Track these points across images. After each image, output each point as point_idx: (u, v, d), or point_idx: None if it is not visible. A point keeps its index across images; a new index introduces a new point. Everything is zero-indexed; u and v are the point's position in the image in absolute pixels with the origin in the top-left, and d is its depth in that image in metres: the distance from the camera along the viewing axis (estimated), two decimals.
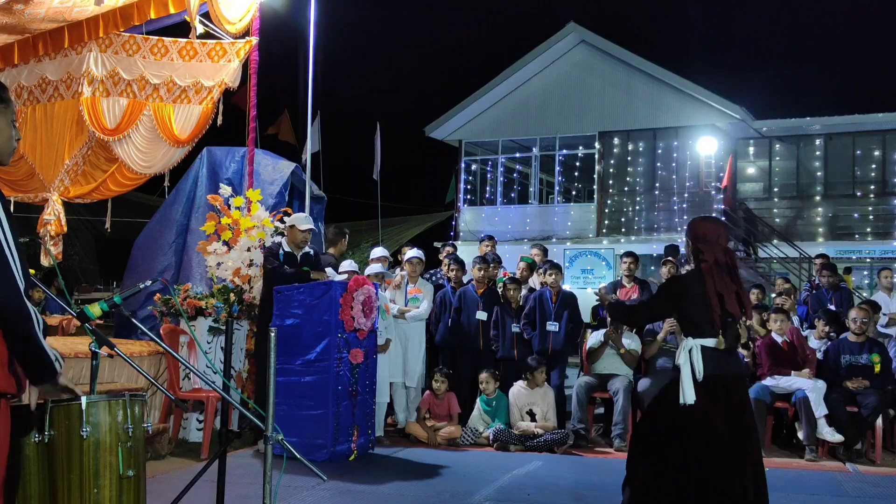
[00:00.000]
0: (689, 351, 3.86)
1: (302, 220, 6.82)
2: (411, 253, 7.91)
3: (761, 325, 7.65)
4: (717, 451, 3.77)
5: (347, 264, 7.45)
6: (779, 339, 7.24)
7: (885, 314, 8.24)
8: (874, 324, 7.77)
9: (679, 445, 3.84)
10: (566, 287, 8.63)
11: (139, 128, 8.30)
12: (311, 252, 6.90)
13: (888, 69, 20.90)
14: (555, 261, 8.31)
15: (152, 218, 8.98)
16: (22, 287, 2.38)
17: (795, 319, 8.17)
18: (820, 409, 6.74)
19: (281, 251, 6.71)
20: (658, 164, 19.93)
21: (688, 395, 3.80)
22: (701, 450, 3.79)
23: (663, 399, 4.02)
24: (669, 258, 8.83)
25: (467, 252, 11.98)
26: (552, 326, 7.54)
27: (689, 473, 3.77)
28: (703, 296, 3.88)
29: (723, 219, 18.46)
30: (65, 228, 9.13)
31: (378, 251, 7.93)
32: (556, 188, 21.30)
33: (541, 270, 8.06)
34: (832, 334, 7.70)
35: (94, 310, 2.91)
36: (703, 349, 3.86)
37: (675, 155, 19.69)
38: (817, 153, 19.95)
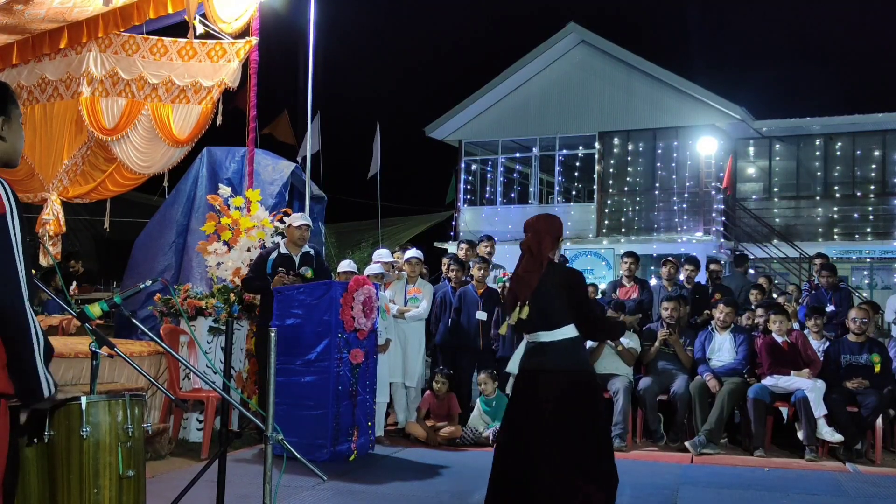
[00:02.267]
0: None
1: (297, 218, 6.83)
2: (410, 253, 7.91)
3: (764, 322, 7.64)
4: (512, 441, 3.96)
5: (346, 264, 7.44)
6: (779, 340, 7.24)
7: None
8: (874, 324, 7.77)
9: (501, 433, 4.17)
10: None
11: (137, 128, 8.30)
12: (312, 251, 6.90)
13: (888, 69, 20.89)
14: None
15: (152, 218, 8.98)
16: (27, 300, 2.34)
17: (796, 324, 8.18)
18: (819, 409, 6.74)
19: (276, 253, 6.71)
20: (658, 164, 19.93)
21: (508, 388, 4.20)
22: (503, 438, 4.08)
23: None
24: (670, 258, 8.83)
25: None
26: None
27: (501, 457, 4.00)
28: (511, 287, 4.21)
29: (722, 218, 18.49)
30: (63, 228, 9.13)
31: (384, 254, 7.86)
32: (556, 188, 21.30)
33: None
34: (827, 332, 7.70)
35: (95, 310, 2.91)
36: (526, 342, 4.09)
37: (675, 155, 19.69)
38: (817, 153, 19.95)
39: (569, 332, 3.98)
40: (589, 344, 7.64)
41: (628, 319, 7.28)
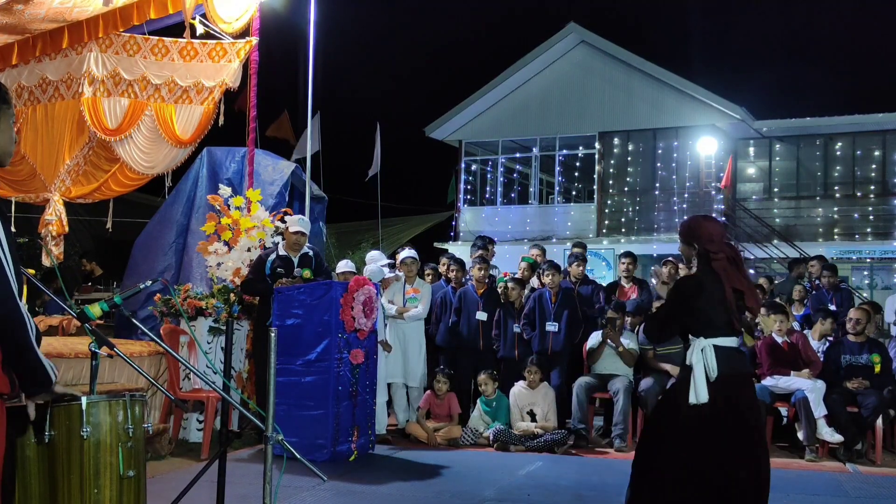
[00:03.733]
0: (703, 350, 3.82)
1: (294, 223, 6.82)
2: (405, 253, 7.91)
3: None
4: (721, 450, 3.75)
5: (344, 265, 7.44)
6: (779, 340, 7.24)
7: None
8: (874, 324, 7.76)
9: (687, 444, 3.80)
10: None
11: (141, 128, 8.30)
12: (311, 253, 6.90)
13: (888, 69, 20.91)
14: (554, 261, 8.30)
15: (152, 218, 8.98)
16: (17, 294, 2.36)
17: (796, 324, 8.17)
18: (819, 410, 6.74)
19: (275, 255, 6.71)
20: (658, 165, 19.94)
21: (700, 394, 3.76)
22: (706, 448, 3.76)
23: (671, 399, 4.01)
24: (670, 258, 8.83)
25: (466, 253, 11.97)
26: (551, 327, 7.54)
27: (694, 471, 3.75)
28: (718, 294, 3.84)
29: (722, 219, 18.52)
30: (66, 229, 9.13)
31: (376, 256, 7.88)
32: (556, 188, 21.30)
33: (541, 271, 8.06)
34: (831, 337, 7.70)
35: (95, 310, 2.90)
36: (717, 348, 3.82)
37: (675, 155, 19.70)
38: (817, 153, 19.96)
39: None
40: (590, 343, 7.66)
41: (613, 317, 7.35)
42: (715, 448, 3.75)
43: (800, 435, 6.90)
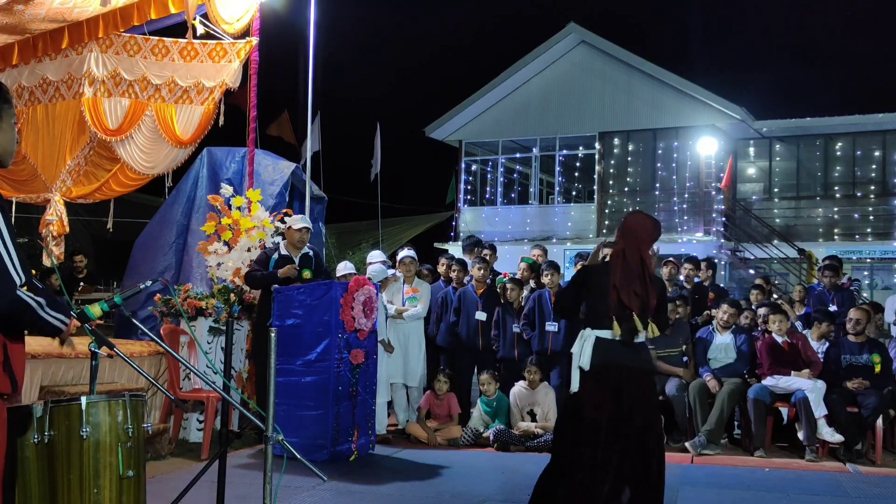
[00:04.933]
0: (584, 340, 4.05)
1: (297, 220, 6.85)
2: (403, 253, 7.92)
3: (763, 322, 7.64)
4: (596, 438, 3.89)
5: (343, 266, 7.44)
6: (779, 340, 7.24)
7: None
8: (874, 324, 7.75)
9: (567, 431, 4.06)
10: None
11: (141, 128, 8.30)
12: (311, 252, 6.91)
13: (888, 69, 20.96)
14: (555, 261, 8.29)
15: (152, 218, 8.98)
16: (19, 282, 2.38)
17: (798, 324, 8.17)
18: (820, 410, 6.74)
19: (276, 255, 6.73)
20: (658, 165, 19.94)
21: (574, 383, 4.01)
22: (582, 436, 3.95)
23: (566, 390, 4.29)
24: (671, 258, 8.83)
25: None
26: (551, 327, 7.54)
27: (571, 458, 3.96)
28: (605, 286, 4.03)
29: (722, 219, 18.51)
30: (67, 229, 9.14)
31: (377, 255, 7.87)
32: (557, 188, 21.30)
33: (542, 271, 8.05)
34: (831, 335, 7.70)
35: (95, 310, 2.91)
36: (598, 339, 4.00)
37: (675, 155, 19.70)
38: (817, 153, 19.96)
39: (642, 337, 4.11)
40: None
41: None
42: (599, 436, 3.90)
43: (800, 435, 6.90)
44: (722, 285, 10.81)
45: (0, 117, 2.51)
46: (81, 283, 9.76)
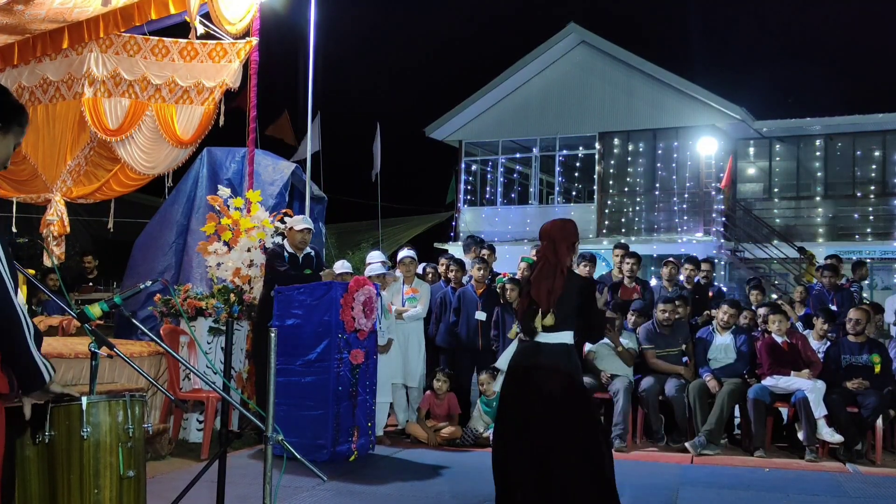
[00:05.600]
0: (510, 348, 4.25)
1: (298, 221, 6.86)
2: (403, 253, 7.92)
3: (763, 322, 7.64)
4: (509, 437, 4.19)
5: (340, 265, 7.44)
6: (779, 340, 7.24)
7: None
8: (874, 325, 7.75)
9: (496, 430, 4.42)
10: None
11: (142, 128, 8.30)
12: (312, 253, 6.92)
13: (888, 69, 20.93)
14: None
15: (152, 219, 8.98)
16: (12, 292, 2.37)
17: (799, 324, 8.16)
18: (819, 410, 6.74)
19: (285, 254, 6.74)
20: (658, 165, 19.94)
21: (496, 385, 4.45)
22: (500, 434, 4.31)
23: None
24: (671, 258, 8.83)
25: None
26: None
27: (497, 456, 4.28)
28: (525, 290, 4.26)
29: (722, 219, 18.49)
30: (67, 229, 9.14)
31: (377, 255, 7.87)
32: (557, 189, 21.30)
33: None
34: (830, 334, 7.70)
35: (95, 310, 2.91)
36: (520, 341, 4.22)
37: (675, 155, 19.69)
38: (817, 153, 19.96)
39: (567, 337, 4.16)
40: (588, 346, 7.65)
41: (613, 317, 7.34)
42: (504, 437, 4.26)
43: (800, 435, 6.90)
44: (722, 285, 10.82)
45: (7, 132, 2.53)
46: (90, 283, 9.79)
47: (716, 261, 15.67)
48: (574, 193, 22.48)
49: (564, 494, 3.96)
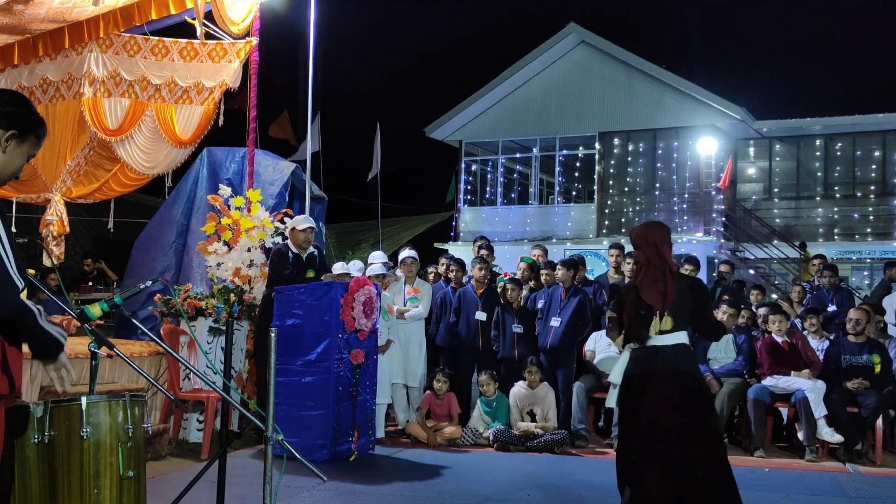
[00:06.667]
0: (622, 359, 4.11)
1: (300, 221, 6.84)
2: (404, 253, 7.92)
3: (763, 322, 7.64)
4: (637, 448, 3.97)
5: (339, 266, 7.44)
6: (779, 340, 7.24)
7: None
8: (874, 325, 7.75)
9: (621, 442, 4.21)
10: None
11: (142, 128, 8.30)
12: (315, 252, 6.91)
13: (888, 69, 20.95)
14: (553, 260, 8.29)
15: (152, 219, 8.98)
16: (21, 287, 2.39)
17: (798, 322, 8.16)
18: (819, 410, 6.74)
19: (290, 254, 6.73)
20: (658, 165, 19.94)
21: (611, 399, 4.10)
22: (626, 445, 4.09)
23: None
24: None
25: (466, 253, 11.97)
26: (554, 322, 7.52)
27: (628, 466, 4.03)
28: (631, 296, 4.11)
29: (722, 219, 18.49)
30: (67, 229, 9.14)
31: (379, 256, 7.87)
32: (557, 189, 21.30)
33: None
34: (827, 332, 7.70)
35: (95, 310, 2.91)
36: (631, 351, 4.07)
37: (675, 155, 19.69)
38: (817, 153, 19.96)
39: (684, 337, 4.07)
40: (588, 347, 7.64)
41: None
42: (631, 448, 4.02)
43: (800, 435, 6.90)
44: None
45: (22, 141, 2.57)
46: (90, 283, 9.79)
47: (717, 261, 15.69)
48: (574, 193, 22.47)
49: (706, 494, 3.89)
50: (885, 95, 18.68)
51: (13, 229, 2.56)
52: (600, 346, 7.54)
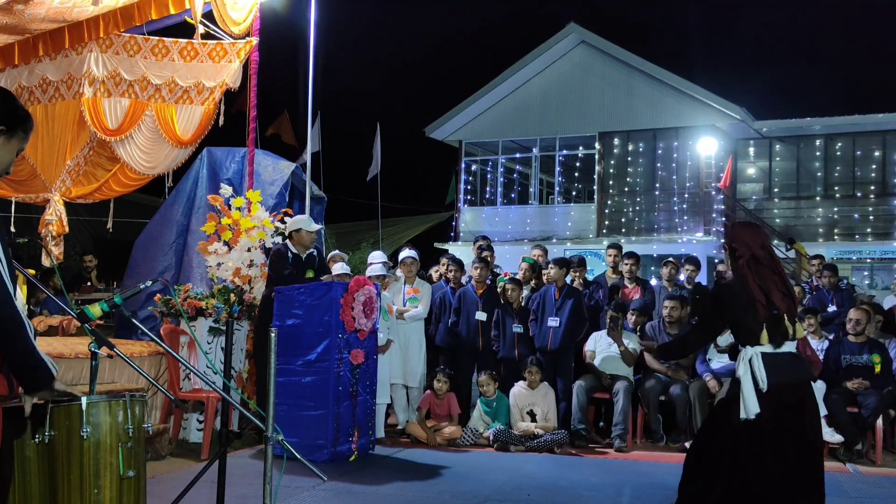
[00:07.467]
0: (750, 360, 3.65)
1: (309, 223, 6.84)
2: (404, 253, 7.92)
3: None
4: (780, 471, 3.59)
5: (339, 267, 7.44)
6: None
7: None
8: (874, 325, 7.74)
9: (743, 462, 3.65)
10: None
11: (142, 128, 8.30)
12: (314, 252, 6.92)
13: (888, 69, 20.95)
14: (563, 258, 8.30)
15: (152, 218, 8.98)
16: (13, 294, 2.38)
17: None
18: (820, 410, 6.73)
19: (290, 254, 6.73)
20: (658, 165, 19.94)
21: (750, 407, 3.57)
22: (764, 467, 3.60)
23: (722, 414, 3.83)
24: (670, 258, 8.83)
25: (466, 253, 11.97)
26: (553, 322, 7.52)
27: (754, 491, 3.61)
28: (748, 296, 3.71)
29: (722, 219, 18.48)
30: (66, 229, 9.13)
31: (378, 256, 7.88)
32: (557, 189, 21.30)
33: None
34: (824, 333, 7.70)
35: (95, 310, 2.90)
36: (764, 356, 3.65)
37: (675, 155, 19.69)
38: (817, 153, 19.97)
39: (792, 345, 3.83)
40: (588, 347, 7.64)
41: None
42: (771, 468, 3.58)
43: None
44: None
45: (11, 137, 2.53)
46: (90, 283, 9.78)
47: (717, 261, 15.68)
48: (574, 193, 22.47)
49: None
50: (885, 95, 18.69)
51: (12, 229, 2.56)
52: (600, 346, 7.56)
